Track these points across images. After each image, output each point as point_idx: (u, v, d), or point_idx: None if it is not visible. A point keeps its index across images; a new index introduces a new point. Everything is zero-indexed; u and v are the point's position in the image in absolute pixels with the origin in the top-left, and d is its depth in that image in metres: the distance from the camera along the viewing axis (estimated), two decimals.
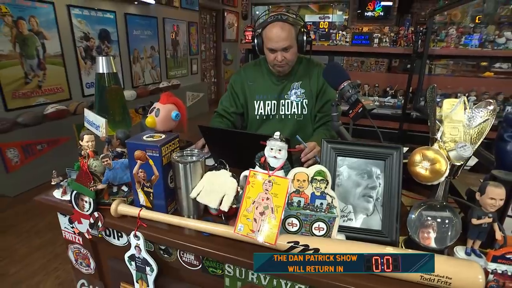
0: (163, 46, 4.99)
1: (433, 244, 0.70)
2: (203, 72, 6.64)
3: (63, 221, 1.01)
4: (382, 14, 6.13)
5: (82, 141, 0.87)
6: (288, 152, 0.74)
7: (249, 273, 0.75)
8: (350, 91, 1.12)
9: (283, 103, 1.43)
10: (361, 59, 6.54)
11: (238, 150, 0.97)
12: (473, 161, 1.07)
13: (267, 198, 0.70)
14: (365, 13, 6.24)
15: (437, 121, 0.79)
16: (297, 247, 0.68)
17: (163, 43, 4.97)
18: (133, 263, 0.86)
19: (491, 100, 0.74)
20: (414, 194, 0.97)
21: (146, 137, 0.81)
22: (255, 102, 1.44)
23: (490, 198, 0.65)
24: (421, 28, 2.39)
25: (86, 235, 0.90)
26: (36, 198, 0.99)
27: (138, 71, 4.48)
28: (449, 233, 0.69)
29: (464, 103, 0.77)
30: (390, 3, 6.04)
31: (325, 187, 0.69)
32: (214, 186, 0.77)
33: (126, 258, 0.86)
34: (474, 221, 0.68)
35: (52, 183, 0.98)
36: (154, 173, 0.78)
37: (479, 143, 0.74)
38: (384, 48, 2.80)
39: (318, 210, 0.70)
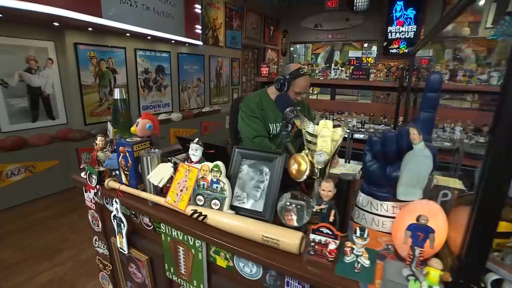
0: (207, 78, 5.59)
1: (295, 223, 0.91)
2: None
3: (85, 193, 1.42)
4: (406, 51, 6.07)
5: (96, 140, 1.28)
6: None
7: (172, 230, 1.04)
8: (291, 115, 1.38)
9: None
10: (387, 92, 6.48)
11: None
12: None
13: (185, 181, 1.00)
14: (390, 50, 6.25)
15: (312, 136, 1.02)
16: (196, 213, 0.95)
17: (208, 75, 5.58)
18: (115, 220, 1.20)
19: (340, 124, 0.94)
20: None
21: (129, 139, 1.17)
22: (269, 125, 1.75)
23: (322, 190, 0.86)
24: (405, 66, 2.49)
25: (93, 200, 1.28)
26: (72, 176, 1.42)
27: (185, 98, 5.13)
28: (304, 215, 0.90)
29: (326, 123, 0.98)
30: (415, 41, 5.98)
31: (219, 176, 0.97)
32: (160, 172, 1.09)
33: (111, 217, 1.21)
34: (316, 207, 0.88)
35: (81, 167, 1.40)
36: (129, 162, 1.14)
37: (334, 152, 0.94)
38: (378, 82, 2.92)
39: (215, 191, 0.97)
